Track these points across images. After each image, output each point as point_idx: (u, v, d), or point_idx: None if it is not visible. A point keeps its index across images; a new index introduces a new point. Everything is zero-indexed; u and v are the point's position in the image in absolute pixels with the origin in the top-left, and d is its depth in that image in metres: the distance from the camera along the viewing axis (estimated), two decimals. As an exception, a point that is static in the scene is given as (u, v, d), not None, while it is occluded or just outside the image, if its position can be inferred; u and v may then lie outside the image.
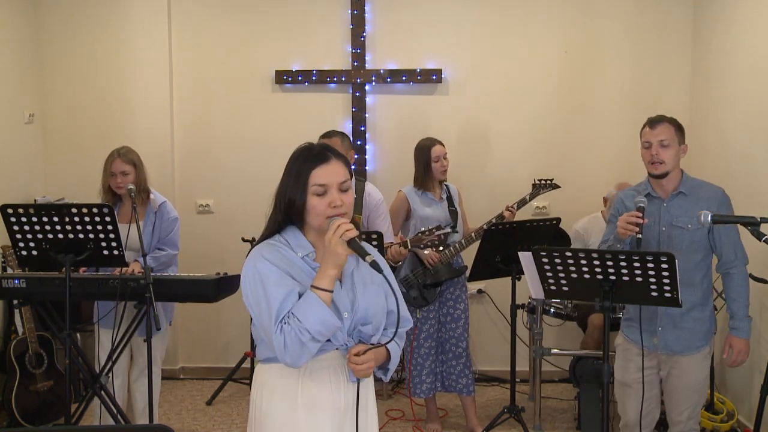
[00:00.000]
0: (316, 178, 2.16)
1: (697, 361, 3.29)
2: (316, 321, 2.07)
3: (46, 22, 5.46)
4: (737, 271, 3.30)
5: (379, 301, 2.27)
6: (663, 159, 3.23)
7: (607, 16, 5.42)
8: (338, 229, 2.09)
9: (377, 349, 2.23)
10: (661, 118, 3.31)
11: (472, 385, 4.51)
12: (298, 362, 2.12)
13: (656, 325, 3.29)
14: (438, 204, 4.47)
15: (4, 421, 4.50)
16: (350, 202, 2.20)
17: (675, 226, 3.25)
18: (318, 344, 2.12)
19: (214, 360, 5.70)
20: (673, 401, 3.34)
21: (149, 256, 4.07)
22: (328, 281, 2.11)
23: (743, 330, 3.29)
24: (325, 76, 5.47)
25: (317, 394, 2.20)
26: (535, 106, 5.47)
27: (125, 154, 4.05)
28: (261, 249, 2.22)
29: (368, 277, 2.28)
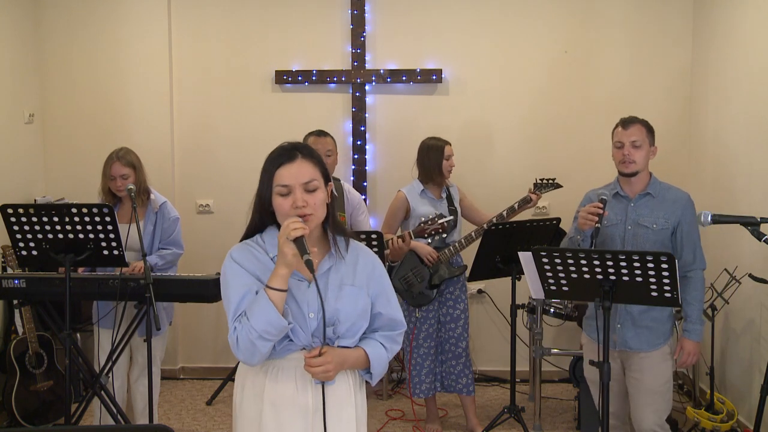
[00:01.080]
0: (279, 178, 2.16)
1: (656, 360, 3.32)
2: (262, 320, 2.07)
3: (46, 22, 5.46)
4: (694, 275, 3.36)
5: (355, 304, 2.22)
6: (634, 159, 3.35)
7: (607, 16, 5.42)
8: (285, 228, 2.07)
9: (343, 352, 2.19)
10: (634, 119, 3.43)
11: (472, 385, 4.51)
12: (251, 360, 2.13)
13: (615, 322, 3.33)
14: (438, 203, 4.47)
15: (4, 421, 4.50)
16: (316, 202, 2.15)
17: (640, 225, 3.35)
18: (268, 343, 2.10)
19: (214, 360, 5.70)
20: (637, 404, 3.36)
21: (155, 254, 4.08)
22: (280, 281, 2.09)
23: (695, 333, 3.34)
24: (325, 76, 5.47)
25: (282, 393, 2.19)
26: (535, 106, 5.47)
27: (124, 157, 4.03)
28: (233, 250, 2.25)
29: (348, 278, 2.23)
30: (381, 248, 3.87)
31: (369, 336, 2.29)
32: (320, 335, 2.17)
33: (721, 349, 4.67)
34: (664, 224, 3.33)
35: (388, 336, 2.31)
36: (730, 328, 4.61)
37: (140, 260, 3.88)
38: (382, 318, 2.30)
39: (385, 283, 2.32)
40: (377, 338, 2.29)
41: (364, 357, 2.25)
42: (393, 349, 2.32)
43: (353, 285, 2.23)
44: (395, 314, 2.32)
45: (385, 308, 2.30)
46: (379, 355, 2.27)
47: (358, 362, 2.25)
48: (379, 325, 2.30)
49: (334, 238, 2.26)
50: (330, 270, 2.23)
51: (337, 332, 2.20)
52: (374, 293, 2.28)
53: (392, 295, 2.34)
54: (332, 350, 2.16)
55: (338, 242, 2.26)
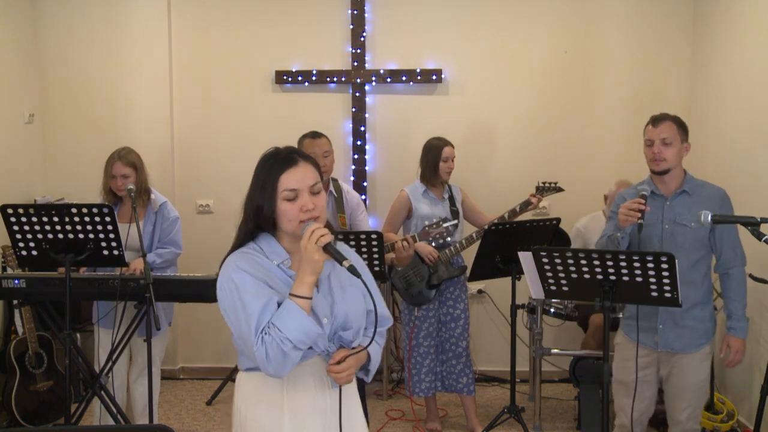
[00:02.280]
0: (286, 183, 2.12)
1: (697, 360, 3.30)
2: (296, 330, 2.02)
3: (46, 22, 5.46)
4: (736, 272, 3.33)
5: (358, 304, 2.23)
6: (664, 157, 3.26)
7: (607, 16, 5.42)
8: (313, 235, 2.03)
9: (358, 354, 2.20)
10: (665, 116, 3.33)
11: (472, 385, 4.51)
12: (282, 372, 2.07)
13: (656, 323, 3.30)
14: (440, 203, 4.47)
15: (4, 421, 4.50)
16: (322, 205, 2.15)
17: (678, 223, 3.27)
18: (300, 352, 2.07)
19: (214, 360, 5.69)
20: (674, 400, 3.35)
21: (153, 253, 4.07)
22: (307, 288, 2.06)
23: (741, 330, 3.32)
24: (325, 76, 5.47)
25: (302, 400, 2.17)
26: (535, 106, 5.47)
27: (125, 156, 4.03)
28: (235, 259, 2.16)
29: (346, 279, 2.22)
30: (381, 248, 3.86)
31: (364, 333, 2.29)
32: (335, 339, 2.18)
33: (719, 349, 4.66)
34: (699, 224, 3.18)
35: (380, 332, 2.33)
36: (730, 328, 4.60)
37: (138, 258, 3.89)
38: (372, 315, 2.30)
39: (371, 281, 2.30)
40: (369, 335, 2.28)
41: (365, 355, 2.26)
42: (382, 343, 2.36)
43: (352, 285, 2.23)
44: (383, 310, 2.32)
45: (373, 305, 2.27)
46: (376, 351, 2.29)
47: (363, 362, 2.27)
48: (370, 321, 2.30)
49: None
50: (330, 273, 2.22)
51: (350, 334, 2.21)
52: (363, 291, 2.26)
53: (377, 291, 2.32)
54: (349, 354, 2.17)
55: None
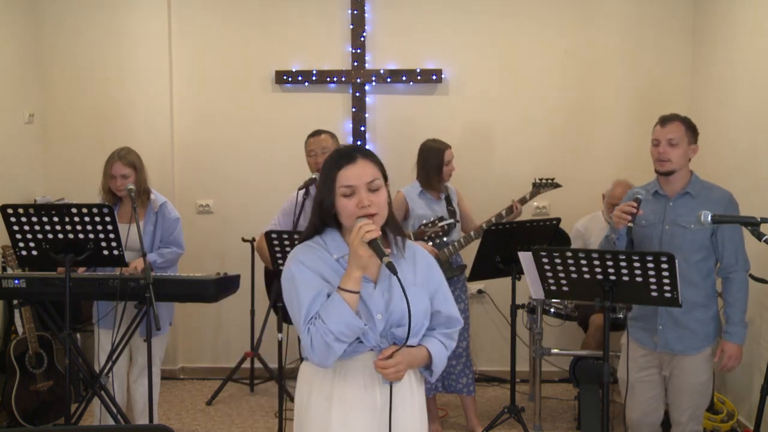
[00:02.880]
0: (344, 179, 2.18)
1: (698, 363, 3.29)
2: (338, 322, 2.09)
3: (46, 22, 5.46)
4: (737, 277, 3.29)
5: (419, 303, 2.23)
6: (669, 157, 3.24)
7: (607, 15, 5.42)
8: (359, 231, 2.09)
9: (411, 351, 2.22)
10: (674, 116, 3.31)
11: (472, 385, 4.51)
12: (326, 362, 2.14)
13: (656, 323, 3.29)
14: (437, 203, 4.47)
15: (4, 421, 4.50)
16: (381, 201, 2.18)
17: (678, 225, 3.26)
18: (343, 345, 2.12)
19: (214, 360, 5.70)
20: (675, 401, 3.35)
21: (154, 252, 4.07)
22: (353, 282, 2.12)
23: (737, 335, 3.28)
24: (325, 76, 5.46)
25: (351, 393, 2.21)
26: (535, 106, 5.47)
27: (125, 157, 4.03)
28: (297, 251, 2.25)
29: (410, 278, 2.25)
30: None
31: (428, 334, 2.32)
32: (388, 336, 2.20)
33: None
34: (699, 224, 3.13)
35: (446, 333, 2.34)
36: (730, 328, 4.60)
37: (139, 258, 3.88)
38: (440, 316, 2.32)
39: (441, 282, 2.34)
40: (436, 336, 2.32)
41: (427, 355, 2.28)
42: (450, 346, 2.35)
43: (415, 284, 2.25)
44: (452, 312, 2.34)
45: (443, 306, 2.32)
46: (439, 351, 2.30)
47: (422, 360, 2.28)
48: (437, 323, 2.33)
49: (394, 237, 2.28)
50: None
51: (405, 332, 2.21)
52: (432, 291, 2.31)
53: (448, 293, 2.35)
54: (401, 351, 2.19)
55: (398, 242, 2.29)
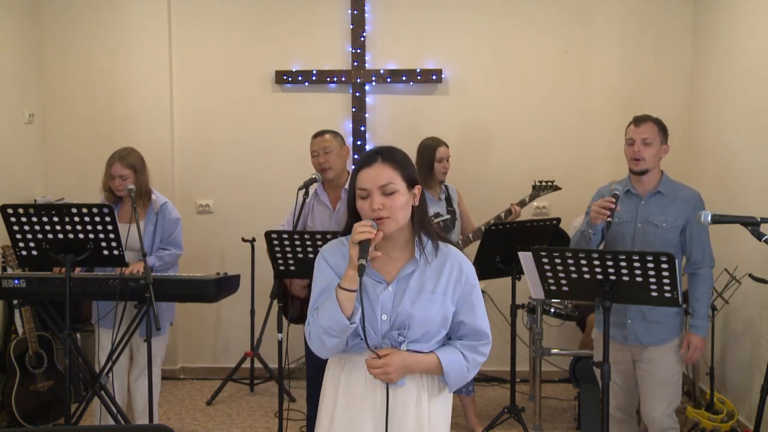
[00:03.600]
0: (360, 182, 2.22)
1: (667, 354, 3.38)
2: (327, 317, 2.16)
3: (46, 22, 5.46)
4: (704, 273, 3.42)
5: (431, 310, 2.22)
6: (644, 156, 3.37)
7: (607, 16, 5.42)
8: (354, 231, 2.15)
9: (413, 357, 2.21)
10: (647, 117, 3.46)
11: (471, 385, 4.51)
12: (321, 353, 2.26)
13: (626, 317, 3.38)
14: (436, 204, 4.47)
15: (4, 421, 4.50)
16: (394, 205, 2.18)
17: (650, 223, 3.38)
18: (334, 339, 2.18)
19: (214, 360, 5.70)
20: (648, 396, 3.41)
21: (154, 256, 4.07)
22: (348, 281, 2.15)
23: (702, 328, 3.41)
24: (325, 76, 5.47)
25: (354, 387, 2.26)
26: (535, 106, 5.47)
27: (125, 158, 4.02)
28: (325, 246, 2.35)
29: (430, 284, 2.24)
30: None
31: (450, 343, 2.29)
32: (390, 337, 2.21)
33: (721, 349, 4.67)
34: (673, 223, 3.37)
35: (470, 345, 2.29)
36: (730, 328, 4.61)
37: (139, 261, 3.88)
38: (465, 327, 2.29)
39: (472, 292, 2.29)
40: (457, 346, 2.28)
41: (437, 362, 2.24)
42: (475, 360, 2.29)
43: (433, 292, 2.23)
44: (480, 324, 2.30)
45: (468, 317, 2.28)
46: (454, 362, 2.25)
47: (429, 367, 2.24)
48: (463, 334, 2.30)
49: (421, 242, 2.26)
50: (413, 274, 2.24)
51: (408, 336, 2.21)
52: (458, 301, 2.27)
53: (479, 305, 2.31)
54: (396, 353, 2.19)
55: (426, 247, 2.26)
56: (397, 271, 2.24)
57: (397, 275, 2.23)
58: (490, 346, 2.33)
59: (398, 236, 2.24)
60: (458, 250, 2.36)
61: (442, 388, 2.31)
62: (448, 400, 2.36)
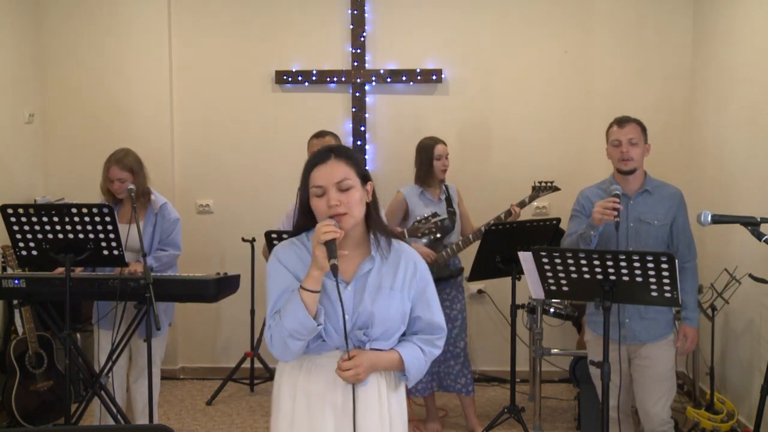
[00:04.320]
0: (314, 180, 2.19)
1: (663, 349, 3.44)
2: (293, 320, 2.11)
3: (46, 22, 5.46)
4: (690, 266, 3.50)
5: (391, 308, 2.22)
6: (632, 156, 3.44)
7: (607, 16, 5.42)
8: (317, 232, 2.11)
9: (377, 355, 2.21)
10: (629, 118, 3.55)
11: (471, 385, 4.51)
12: (284, 357, 2.21)
13: (623, 317, 3.40)
14: (436, 204, 4.47)
15: (4, 421, 4.50)
16: (351, 201, 2.17)
17: (642, 221, 3.44)
18: (299, 342, 2.14)
19: (214, 360, 5.70)
20: (646, 392, 3.44)
21: (151, 257, 4.06)
22: (312, 282, 2.12)
23: (694, 319, 3.49)
24: (325, 76, 5.47)
25: (315, 388, 2.22)
26: (535, 106, 5.47)
27: (121, 160, 4.00)
28: (278, 247, 2.29)
29: (388, 281, 2.24)
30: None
31: (407, 339, 2.30)
32: (353, 337, 2.19)
33: (721, 349, 4.67)
34: (663, 220, 3.44)
35: (427, 339, 2.31)
36: (730, 328, 4.61)
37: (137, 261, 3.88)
38: (421, 321, 2.30)
39: (426, 287, 2.31)
40: (415, 341, 2.29)
41: (398, 358, 2.25)
42: (431, 353, 2.32)
43: (392, 288, 2.24)
44: (435, 319, 2.31)
45: (425, 312, 2.30)
46: (414, 357, 2.27)
47: (391, 364, 2.25)
48: (419, 329, 2.31)
49: (377, 238, 2.26)
50: (370, 272, 2.23)
51: (370, 335, 2.21)
52: (414, 296, 2.28)
53: (433, 299, 2.32)
54: (363, 353, 2.18)
55: (381, 243, 2.26)
56: (354, 270, 2.22)
57: (355, 274, 2.21)
58: (445, 338, 2.36)
59: (353, 234, 2.22)
60: (410, 246, 2.37)
61: (398, 384, 2.33)
62: (404, 395, 2.38)
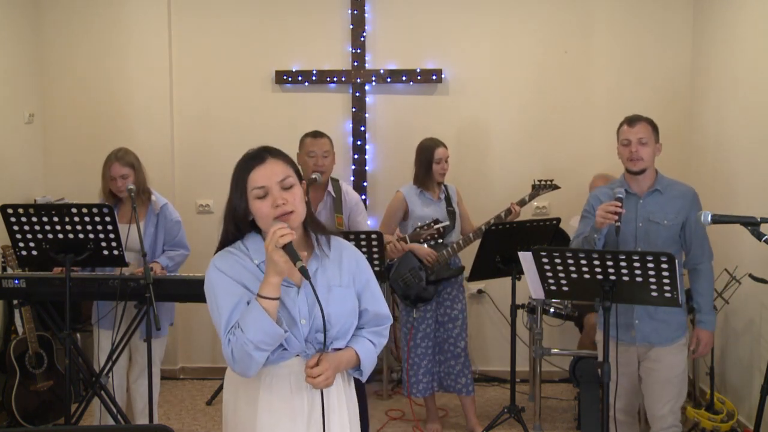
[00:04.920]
0: (254, 181, 2.12)
1: (673, 353, 3.38)
2: (258, 331, 2.02)
3: (46, 22, 5.46)
4: (704, 267, 3.44)
5: (344, 305, 2.20)
6: (642, 156, 3.38)
7: (607, 16, 5.42)
8: (273, 235, 2.02)
9: (338, 355, 2.18)
10: (639, 117, 3.47)
11: (471, 385, 4.51)
12: (247, 372, 2.08)
13: (633, 318, 3.37)
14: (436, 204, 4.47)
15: (4, 421, 4.50)
16: (295, 199, 2.12)
17: (652, 221, 3.39)
18: (264, 353, 2.06)
19: (214, 360, 5.69)
20: (654, 394, 3.40)
21: (164, 256, 4.09)
22: (271, 289, 2.04)
23: (709, 323, 3.42)
24: (325, 76, 5.47)
25: (277, 400, 2.16)
26: (535, 106, 5.47)
27: (122, 158, 4.02)
28: (215, 258, 2.19)
29: (335, 278, 2.21)
30: (381, 248, 3.86)
31: (357, 333, 2.28)
32: (313, 341, 2.15)
33: (721, 349, 4.67)
34: (674, 219, 3.38)
35: (375, 331, 2.30)
36: (730, 328, 4.61)
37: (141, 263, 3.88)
38: (368, 314, 2.28)
39: (369, 279, 2.29)
40: (364, 335, 2.28)
41: (355, 356, 2.24)
42: (381, 343, 2.32)
43: (340, 285, 2.21)
44: (380, 309, 2.30)
45: (371, 304, 2.28)
46: (368, 351, 2.26)
47: (350, 362, 2.24)
48: (365, 321, 2.29)
49: (317, 237, 2.23)
50: (317, 272, 2.19)
51: (330, 336, 2.17)
52: (359, 290, 2.27)
53: (376, 289, 2.31)
54: (327, 356, 2.14)
55: (321, 241, 2.23)
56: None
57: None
58: (389, 325, 2.34)
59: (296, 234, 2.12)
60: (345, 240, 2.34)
61: (350, 380, 2.32)
62: (354, 390, 2.36)
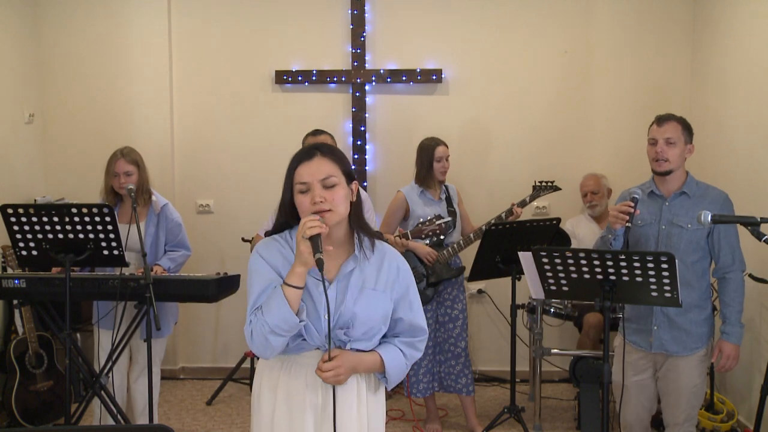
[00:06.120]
0: (299, 176, 2.19)
1: (693, 364, 3.28)
2: (275, 316, 2.10)
3: (46, 22, 5.46)
4: (734, 276, 3.28)
5: (374, 308, 2.21)
6: (667, 157, 3.24)
7: (607, 15, 5.42)
8: (302, 226, 2.10)
9: (358, 356, 2.20)
10: (670, 116, 3.31)
11: (471, 385, 4.51)
12: (264, 354, 2.16)
13: (651, 324, 3.30)
14: (437, 204, 4.47)
15: (4, 421, 4.50)
16: (336, 198, 2.17)
17: (675, 224, 3.26)
18: (280, 338, 2.12)
19: (214, 360, 5.70)
20: (670, 404, 3.33)
21: (166, 257, 4.09)
22: (296, 278, 2.12)
23: (734, 335, 3.26)
24: (325, 76, 5.47)
25: (295, 388, 2.21)
26: (536, 106, 5.47)
27: (128, 154, 4.05)
28: (260, 244, 2.28)
29: (371, 281, 2.23)
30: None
31: (388, 340, 2.29)
32: (333, 337, 2.18)
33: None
34: (699, 224, 3.12)
35: (408, 342, 2.30)
36: (730, 328, 4.60)
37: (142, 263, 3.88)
38: (403, 323, 2.29)
39: (409, 288, 2.30)
40: (396, 343, 2.28)
41: (379, 361, 2.24)
42: (412, 355, 2.31)
43: (374, 289, 2.23)
44: (417, 321, 2.30)
45: (407, 314, 2.29)
46: (395, 359, 2.26)
47: (373, 366, 2.25)
48: (400, 331, 2.30)
49: (360, 238, 2.25)
50: (353, 271, 2.22)
51: (351, 335, 2.20)
52: (396, 298, 2.28)
53: (416, 301, 2.31)
54: (344, 354, 2.17)
55: (364, 243, 2.25)
56: (337, 269, 2.21)
57: (338, 273, 2.20)
58: (426, 341, 2.35)
59: (337, 233, 2.21)
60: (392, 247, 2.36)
61: (378, 386, 2.32)
62: (383, 397, 2.37)
